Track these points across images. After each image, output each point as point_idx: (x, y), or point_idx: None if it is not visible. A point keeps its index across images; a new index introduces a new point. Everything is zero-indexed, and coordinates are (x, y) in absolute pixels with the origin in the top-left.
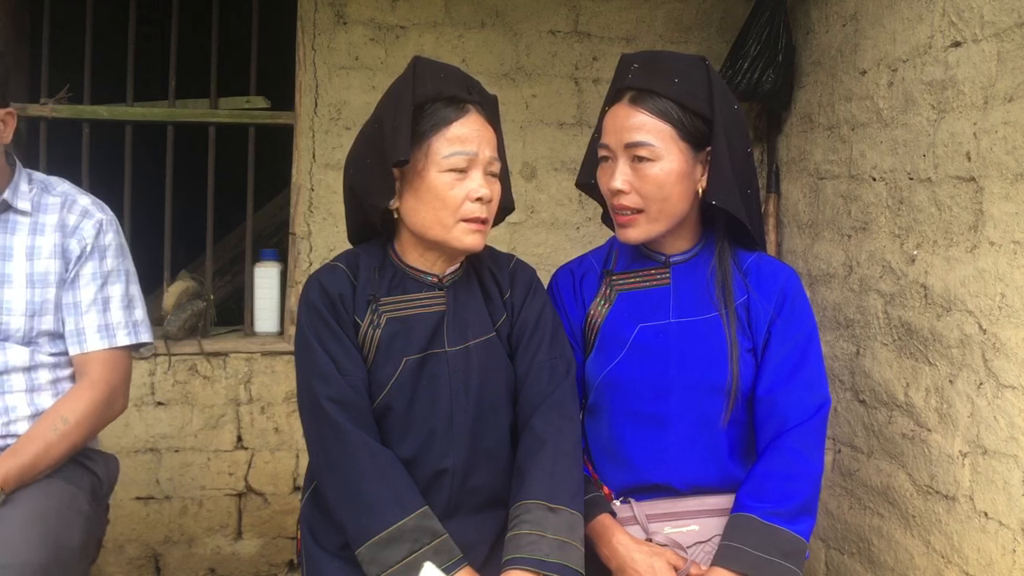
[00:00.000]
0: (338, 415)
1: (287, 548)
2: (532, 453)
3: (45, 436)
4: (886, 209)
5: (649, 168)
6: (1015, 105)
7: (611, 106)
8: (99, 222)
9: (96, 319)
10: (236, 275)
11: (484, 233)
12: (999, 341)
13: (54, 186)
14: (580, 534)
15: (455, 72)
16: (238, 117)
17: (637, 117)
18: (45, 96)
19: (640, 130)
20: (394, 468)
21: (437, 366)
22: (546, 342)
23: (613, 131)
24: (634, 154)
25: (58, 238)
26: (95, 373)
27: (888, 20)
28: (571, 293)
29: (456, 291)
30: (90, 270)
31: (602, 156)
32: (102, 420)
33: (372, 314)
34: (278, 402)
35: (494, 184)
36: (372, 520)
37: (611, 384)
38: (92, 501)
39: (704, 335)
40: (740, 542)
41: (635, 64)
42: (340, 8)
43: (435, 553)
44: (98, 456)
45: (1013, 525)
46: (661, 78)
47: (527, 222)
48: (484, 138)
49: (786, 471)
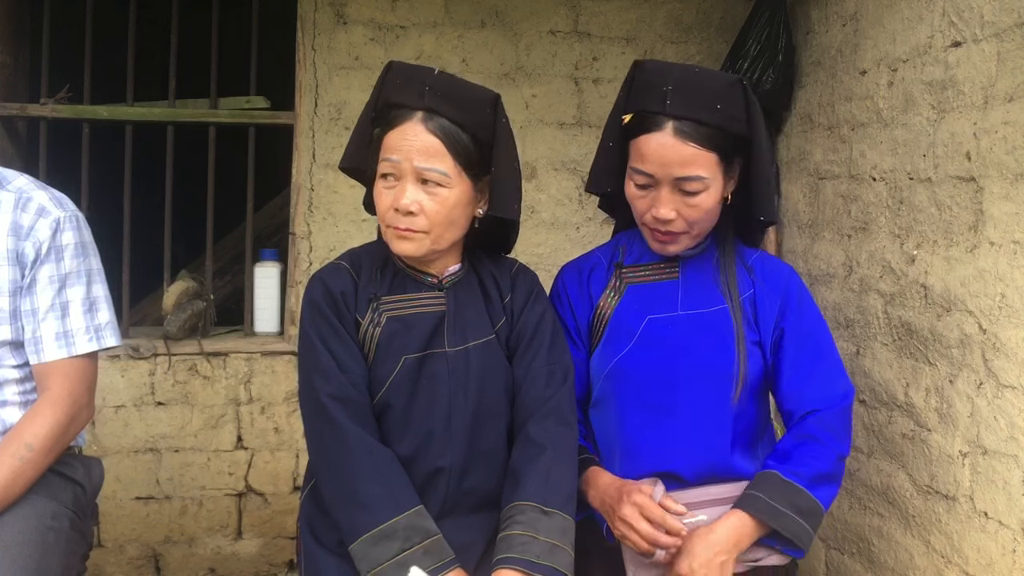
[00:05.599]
0: (337, 412)
1: (287, 548)
2: (527, 457)
3: (11, 465)
4: (886, 209)
5: (699, 199)
6: (1015, 105)
7: (647, 132)
8: (56, 221)
9: (54, 326)
10: (236, 275)
11: (414, 241)
12: (999, 341)
13: (8, 180)
14: (572, 539)
15: (418, 77)
16: (238, 117)
17: (686, 151)
18: (45, 96)
19: (692, 165)
20: (391, 466)
21: (436, 366)
22: (544, 347)
23: (659, 163)
24: (683, 187)
25: (11, 242)
26: (56, 388)
27: (888, 20)
28: (577, 289)
29: (457, 292)
30: (47, 273)
31: (640, 183)
32: (67, 438)
33: (373, 313)
34: (278, 402)
35: (434, 193)
36: (365, 517)
37: (619, 374)
38: (75, 514)
39: (712, 326)
40: (759, 491)
41: (667, 87)
42: (340, 8)
43: (425, 553)
44: (79, 463)
45: (1013, 525)
46: (703, 105)
47: (527, 222)
48: (415, 147)
49: (810, 444)
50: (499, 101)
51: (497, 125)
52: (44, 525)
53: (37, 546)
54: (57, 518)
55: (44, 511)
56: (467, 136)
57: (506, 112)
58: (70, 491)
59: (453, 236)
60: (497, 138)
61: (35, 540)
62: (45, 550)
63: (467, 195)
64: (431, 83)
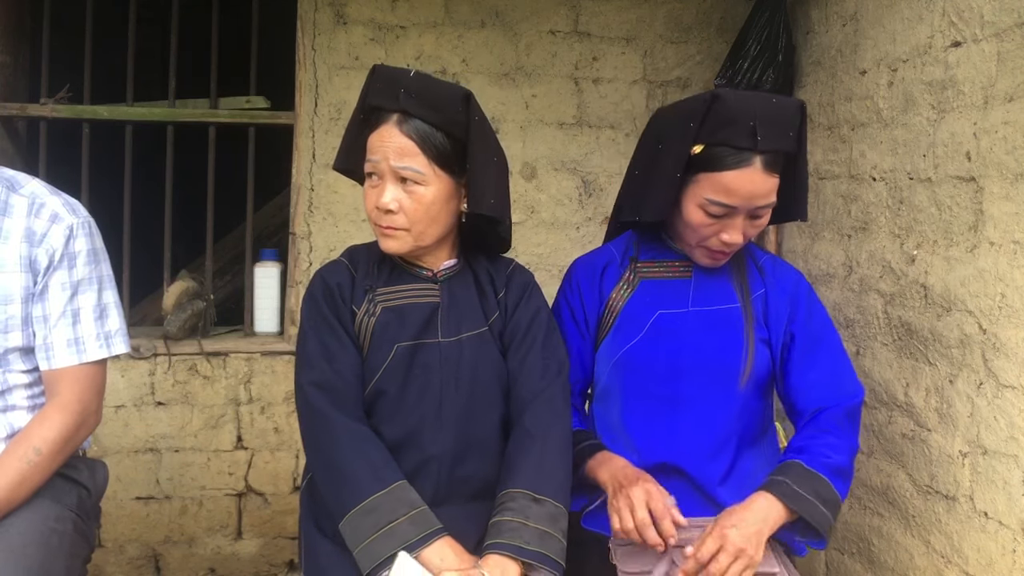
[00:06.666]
0: (318, 399)
1: (287, 548)
2: (521, 447)
3: (18, 468)
4: (886, 209)
5: (764, 219)
6: (1015, 105)
7: (734, 168)
8: (69, 227)
9: (66, 333)
10: (236, 275)
11: (397, 239)
12: (999, 341)
13: (21, 184)
14: (563, 527)
15: (395, 80)
16: (238, 117)
17: (772, 182)
18: (45, 96)
19: (773, 193)
20: (371, 444)
21: (429, 355)
22: (539, 342)
23: (747, 196)
24: (757, 213)
25: (25, 249)
26: (66, 393)
27: (888, 20)
28: (589, 282)
29: (451, 285)
30: (59, 280)
31: (717, 214)
32: (74, 443)
33: (368, 304)
34: (278, 402)
35: (412, 191)
36: (350, 494)
37: (626, 364)
38: (79, 517)
39: (721, 323)
40: (785, 476)
41: (753, 121)
42: (340, 8)
43: (411, 523)
44: (84, 465)
45: (1013, 525)
46: (785, 135)
47: (527, 222)
48: (391, 148)
49: (825, 437)
50: (471, 98)
51: (470, 123)
52: (48, 527)
53: (40, 548)
54: (61, 520)
55: (48, 513)
56: (441, 135)
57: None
58: (74, 494)
59: (437, 232)
60: (471, 136)
61: (38, 542)
62: (48, 552)
63: (446, 192)
64: (406, 85)
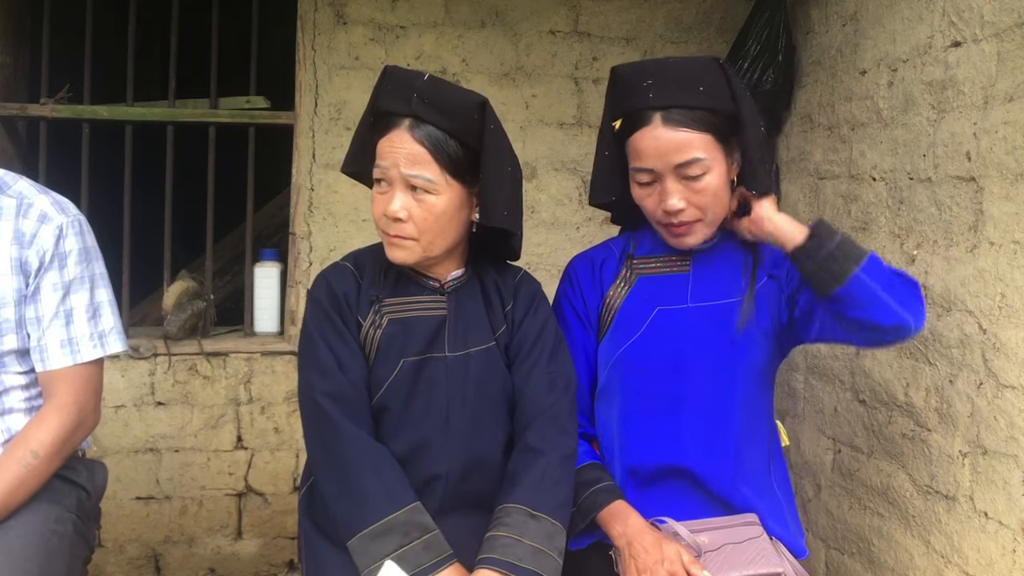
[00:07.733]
0: (333, 410)
1: (287, 548)
2: (523, 462)
3: (16, 471)
4: (886, 209)
5: (703, 181)
6: (1015, 105)
7: (637, 130)
8: (59, 227)
9: (59, 334)
10: (236, 275)
11: (405, 249)
12: (999, 341)
13: (8, 184)
14: (559, 545)
15: (407, 83)
16: (238, 117)
17: (678, 136)
18: (45, 96)
19: (687, 149)
20: (386, 463)
21: (435, 370)
22: (545, 356)
23: (656, 155)
24: (685, 173)
25: (15, 251)
26: (62, 395)
27: (888, 20)
28: (589, 277)
29: (459, 297)
30: (50, 281)
31: (644, 181)
32: (72, 445)
33: (375, 314)
34: (278, 402)
35: (422, 200)
36: (363, 513)
37: (626, 362)
38: (79, 518)
39: (722, 318)
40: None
41: (647, 81)
42: (340, 8)
43: (425, 548)
44: (83, 466)
45: (1013, 525)
46: (685, 89)
47: (527, 222)
48: (402, 154)
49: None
50: (487, 106)
51: (485, 131)
52: (48, 529)
53: (40, 551)
54: (61, 522)
55: (48, 515)
56: (454, 142)
57: (497, 117)
58: (74, 495)
59: (446, 242)
60: (485, 145)
61: (38, 545)
62: (49, 554)
63: (457, 201)
64: (419, 89)
